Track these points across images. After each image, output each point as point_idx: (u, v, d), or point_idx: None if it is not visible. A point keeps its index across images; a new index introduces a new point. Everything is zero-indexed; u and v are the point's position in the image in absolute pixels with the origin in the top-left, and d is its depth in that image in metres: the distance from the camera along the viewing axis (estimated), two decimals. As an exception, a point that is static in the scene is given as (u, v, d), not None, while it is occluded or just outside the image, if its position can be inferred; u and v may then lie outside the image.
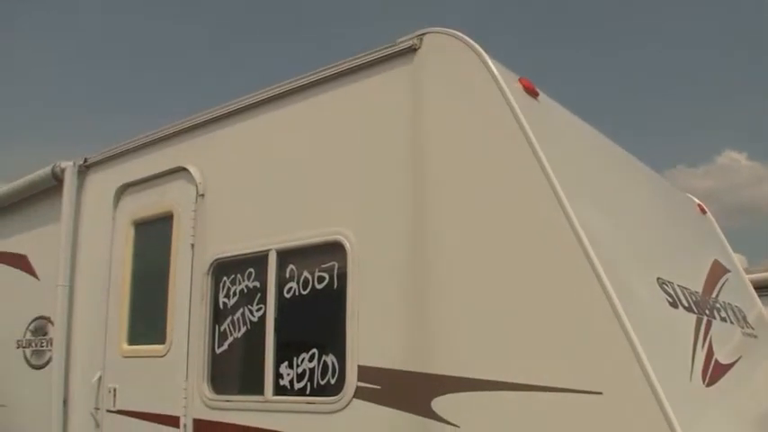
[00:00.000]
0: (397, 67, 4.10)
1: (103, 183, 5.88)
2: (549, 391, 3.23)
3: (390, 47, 4.12)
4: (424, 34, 4.01)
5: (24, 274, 6.59)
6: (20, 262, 6.66)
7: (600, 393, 3.10)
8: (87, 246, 5.94)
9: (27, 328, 6.38)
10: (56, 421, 5.70)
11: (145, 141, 5.58)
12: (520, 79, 3.89)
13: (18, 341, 6.48)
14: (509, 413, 3.37)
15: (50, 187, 6.29)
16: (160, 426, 4.84)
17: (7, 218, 7.07)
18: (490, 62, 3.74)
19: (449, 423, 3.50)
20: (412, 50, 4.03)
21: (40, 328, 6.22)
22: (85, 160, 6.09)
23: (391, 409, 3.72)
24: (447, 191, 3.77)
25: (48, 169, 6.22)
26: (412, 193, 3.86)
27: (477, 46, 3.80)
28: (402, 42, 4.06)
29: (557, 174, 3.42)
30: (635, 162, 5.26)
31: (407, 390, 3.68)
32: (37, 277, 6.45)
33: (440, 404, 3.54)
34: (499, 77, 3.69)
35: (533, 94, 3.95)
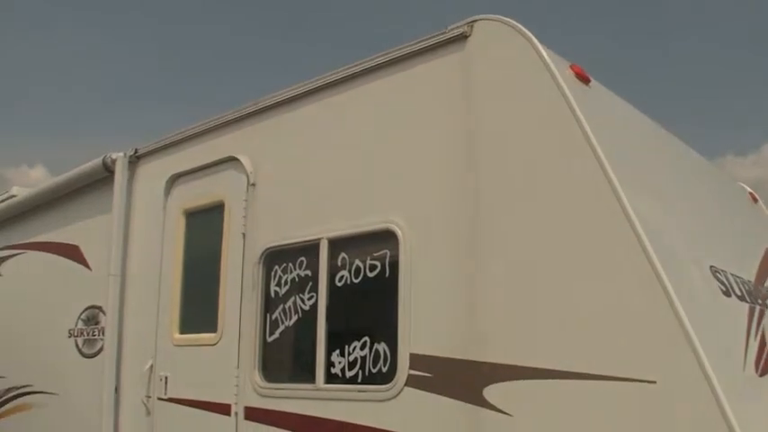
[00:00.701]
0: (448, 55, 4.16)
1: (154, 173, 6.04)
2: (603, 379, 3.26)
3: (441, 34, 4.18)
4: (474, 21, 4.06)
5: (76, 264, 6.79)
6: (72, 252, 6.87)
7: (654, 382, 3.13)
8: (138, 236, 6.11)
9: (79, 318, 6.59)
10: (107, 409, 5.89)
11: (195, 132, 5.72)
12: (571, 66, 3.93)
13: (70, 330, 6.69)
14: (562, 402, 3.40)
15: (102, 178, 6.48)
16: (211, 413, 4.98)
17: (60, 209, 7.29)
18: (542, 49, 3.79)
19: (501, 411, 3.54)
20: (463, 38, 4.09)
21: (91, 317, 6.41)
22: (136, 151, 6.26)
23: (443, 397, 3.78)
24: (499, 178, 3.82)
25: (99, 160, 6.40)
26: (463, 180, 3.93)
27: (528, 32, 3.85)
28: (453, 30, 4.12)
29: (610, 160, 3.44)
30: (687, 150, 5.26)
31: (459, 378, 3.74)
32: (89, 267, 6.64)
33: (492, 392, 3.59)
34: (551, 64, 3.73)
35: (585, 80, 3.99)
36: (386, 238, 4.19)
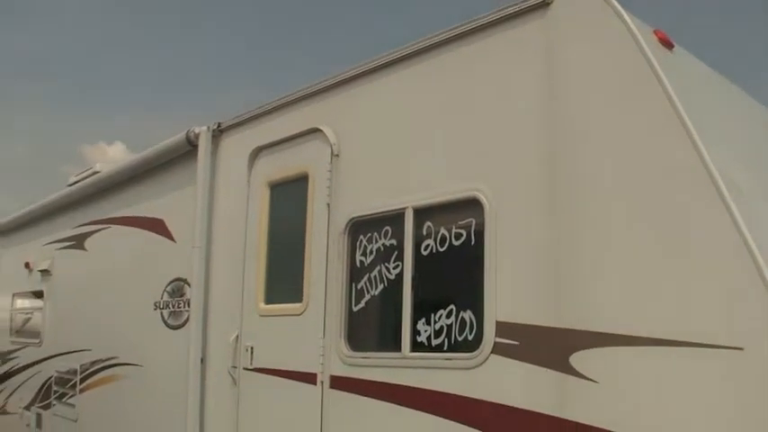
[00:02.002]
0: (530, 22, 4.24)
1: (237, 146, 6.26)
2: (690, 346, 3.31)
3: (523, 1, 4.26)
4: (556, -12, 4.12)
5: (161, 237, 7.08)
6: (157, 226, 7.16)
7: (741, 349, 3.16)
8: (222, 208, 6.34)
9: (164, 290, 6.87)
10: (193, 380, 6.14)
11: (278, 104, 5.90)
12: (655, 31, 3.97)
13: (155, 303, 6.98)
14: (649, 369, 3.46)
15: (185, 152, 6.74)
16: (297, 383, 5.18)
17: (143, 184, 7.59)
18: (625, 14, 3.83)
19: (587, 379, 3.62)
20: (545, 4, 4.16)
21: (177, 289, 6.69)
22: (219, 125, 6.49)
23: (529, 365, 3.87)
24: (583, 144, 3.88)
25: (182, 135, 6.64)
26: (548, 147, 4.01)
27: None
28: (535, -4, 4.20)
29: (695, 125, 3.48)
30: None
31: (545, 345, 3.82)
32: (174, 240, 6.92)
33: (578, 360, 3.67)
34: (634, 29, 3.77)
35: (668, 45, 4.03)
36: (471, 205, 4.28)
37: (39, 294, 10.29)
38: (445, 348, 4.33)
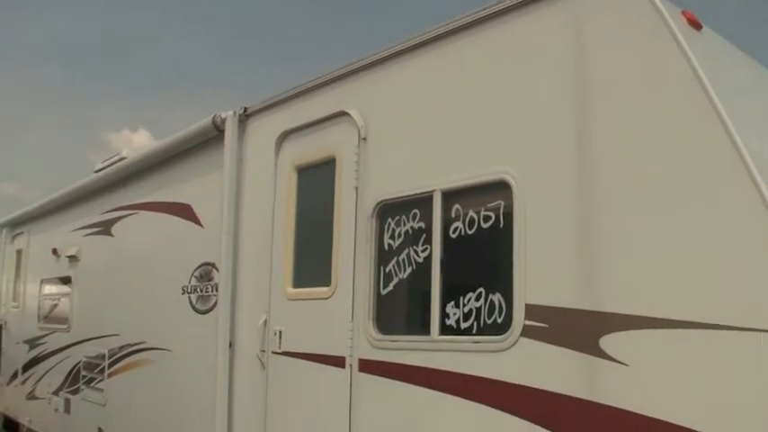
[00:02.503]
0: (558, 3, 4.24)
1: (264, 130, 6.30)
2: (721, 329, 3.30)
3: (550, -18, 4.25)
4: (586, -32, 4.10)
5: (189, 222, 7.14)
6: (184, 211, 7.22)
7: None
8: (250, 192, 6.39)
9: (192, 275, 6.93)
10: (222, 364, 6.20)
11: (304, 88, 5.93)
12: (683, 12, 3.94)
13: (183, 287, 7.05)
14: (679, 351, 3.47)
15: (212, 137, 6.79)
16: (326, 366, 5.23)
17: (171, 169, 7.66)
18: None
19: (617, 362, 3.63)
20: (572, -15, 4.16)
21: (205, 274, 6.75)
22: (245, 109, 6.53)
23: (559, 348, 3.89)
24: (612, 126, 3.88)
25: (208, 120, 6.68)
26: (576, 129, 4.01)
27: None
28: (565, -24, 4.18)
29: (724, 105, 3.46)
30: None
31: (575, 328, 3.83)
32: (201, 225, 6.97)
33: (608, 342, 3.67)
34: (663, 10, 3.75)
35: (697, 26, 4.00)
36: (500, 188, 4.29)
37: (66, 280, 10.42)
38: (474, 331, 4.35)
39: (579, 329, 3.82)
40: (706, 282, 3.43)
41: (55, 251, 10.79)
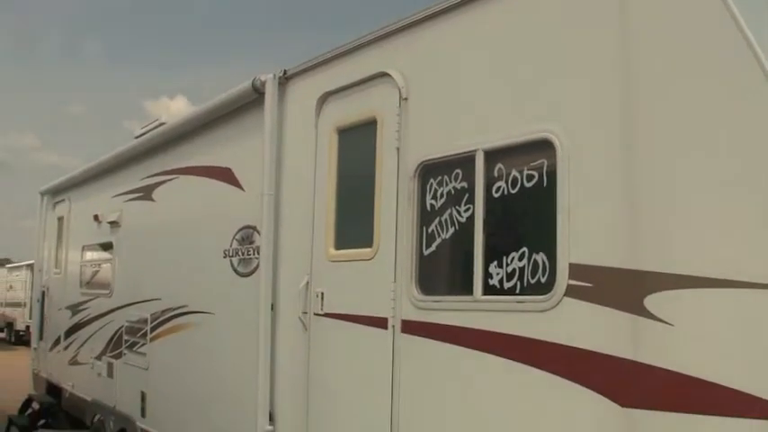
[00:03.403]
0: None
1: (304, 93, 6.33)
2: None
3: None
4: None
5: (229, 186, 7.21)
6: (225, 175, 7.29)
7: None
8: (290, 155, 6.43)
9: (233, 238, 7.01)
10: (264, 326, 6.29)
11: (345, 49, 5.93)
12: None
13: (225, 251, 7.14)
14: (727, 312, 3.46)
15: (252, 101, 6.83)
16: (368, 327, 5.28)
17: (210, 133, 7.74)
18: None
19: (662, 321, 3.62)
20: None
21: (246, 237, 6.82)
22: (285, 72, 6.56)
23: (602, 307, 3.88)
24: (658, 82, 3.84)
25: (248, 83, 6.72)
26: (621, 85, 3.97)
27: None
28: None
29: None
30: None
31: (620, 287, 3.83)
32: (242, 188, 7.04)
33: (653, 302, 3.66)
34: None
35: None
36: (543, 147, 4.27)
37: (108, 246, 10.58)
38: (517, 291, 4.35)
39: (624, 289, 3.82)
40: (754, 240, 3.41)
41: (96, 217, 10.95)
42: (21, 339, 36.83)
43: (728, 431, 3.42)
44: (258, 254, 6.49)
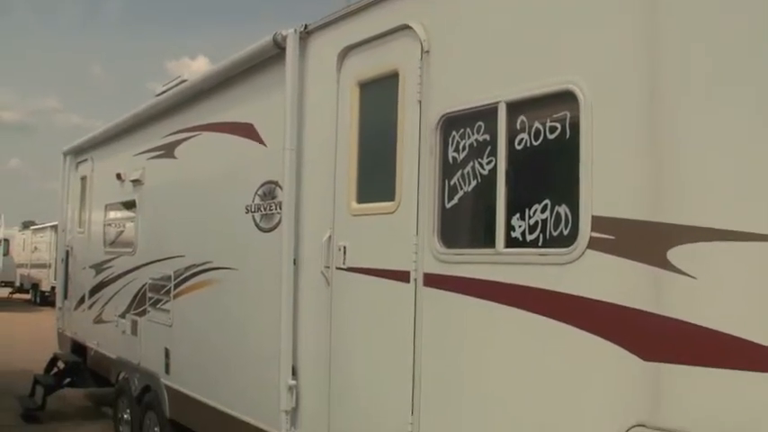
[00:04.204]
0: None
1: (326, 47, 6.32)
2: None
3: None
4: None
5: (251, 142, 7.24)
6: (246, 131, 7.31)
7: None
8: (312, 109, 6.44)
9: (255, 194, 7.06)
10: (286, 281, 6.34)
11: (365, 3, 5.89)
12: None
13: (247, 206, 7.19)
14: (751, 265, 3.45)
15: (273, 56, 6.85)
16: (390, 281, 5.31)
17: (232, 90, 7.75)
18: None
19: (685, 274, 3.61)
20: None
21: (268, 192, 6.86)
22: (306, 26, 6.55)
23: (625, 260, 3.87)
24: (684, 32, 3.79)
25: (269, 38, 6.72)
26: (646, 35, 3.93)
27: None
28: None
29: None
30: None
31: (643, 240, 3.81)
32: (264, 144, 7.07)
33: (676, 255, 3.65)
34: None
35: None
36: (566, 98, 4.23)
37: (131, 204, 10.66)
38: (540, 244, 4.35)
39: (647, 241, 3.80)
40: None
41: (119, 176, 11.02)
42: (46, 300, 37.30)
43: (751, 385, 3.43)
44: (280, 209, 6.53)
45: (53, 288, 30.80)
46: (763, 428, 3.39)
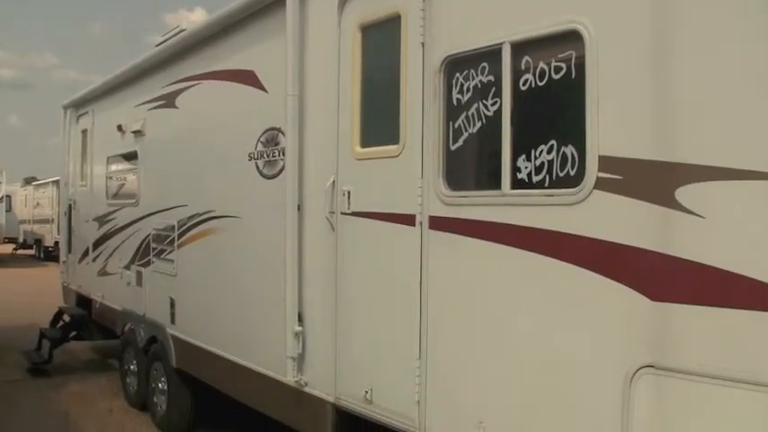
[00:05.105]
0: None
1: (327, -10, 6.21)
2: None
3: None
4: None
5: (253, 89, 7.17)
6: (247, 78, 7.24)
7: None
8: (314, 54, 6.35)
9: (258, 141, 7.01)
10: (290, 227, 6.31)
11: (366, -55, 5.79)
12: None
13: (250, 154, 7.14)
14: (758, 204, 3.45)
15: (274, 1, 6.74)
16: (395, 225, 5.28)
17: (232, 37, 7.67)
18: None
19: (693, 213, 3.60)
20: None
21: (271, 139, 6.80)
22: (306, -30, 6.45)
23: (633, 200, 3.84)
24: None
25: (269, -17, 6.64)
26: None
27: None
28: None
29: None
30: None
31: (650, 180, 3.79)
32: (265, 90, 7.00)
33: (684, 194, 3.64)
34: None
35: None
36: (571, 38, 4.18)
37: (132, 156, 10.62)
38: (546, 185, 4.32)
39: (654, 181, 3.78)
40: None
41: (120, 127, 10.97)
42: (50, 255, 37.42)
43: (758, 325, 3.43)
44: (283, 155, 6.47)
45: (56, 243, 30.86)
46: None
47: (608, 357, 3.99)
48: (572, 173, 4.19)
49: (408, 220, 5.16)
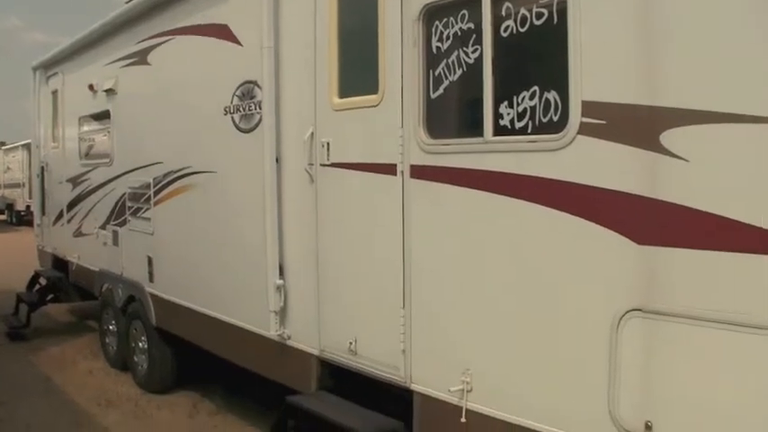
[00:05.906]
0: None
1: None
2: None
3: None
4: None
5: (227, 42, 7.02)
6: (221, 32, 7.09)
7: None
8: (289, 5, 6.20)
9: (234, 95, 6.88)
10: (269, 180, 6.23)
11: None
12: None
13: (225, 108, 7.02)
14: (743, 147, 3.42)
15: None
16: (376, 175, 5.21)
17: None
18: None
19: (678, 157, 3.57)
20: None
21: (247, 92, 6.68)
22: None
23: (617, 144, 3.81)
24: None
25: (241, -68, 6.48)
26: None
27: None
28: None
29: None
30: None
31: (635, 124, 3.75)
32: (240, 44, 6.86)
33: (669, 138, 3.61)
34: None
35: None
36: (553, -18, 4.09)
37: (105, 115, 10.45)
38: (529, 131, 4.27)
39: (639, 125, 3.75)
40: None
41: (91, 87, 10.77)
42: (22, 220, 37.08)
43: (744, 267, 3.43)
44: (260, 108, 6.38)
45: (28, 207, 30.59)
46: (756, 310, 3.38)
47: (595, 302, 3.97)
48: (555, 118, 4.14)
49: (389, 169, 5.10)
